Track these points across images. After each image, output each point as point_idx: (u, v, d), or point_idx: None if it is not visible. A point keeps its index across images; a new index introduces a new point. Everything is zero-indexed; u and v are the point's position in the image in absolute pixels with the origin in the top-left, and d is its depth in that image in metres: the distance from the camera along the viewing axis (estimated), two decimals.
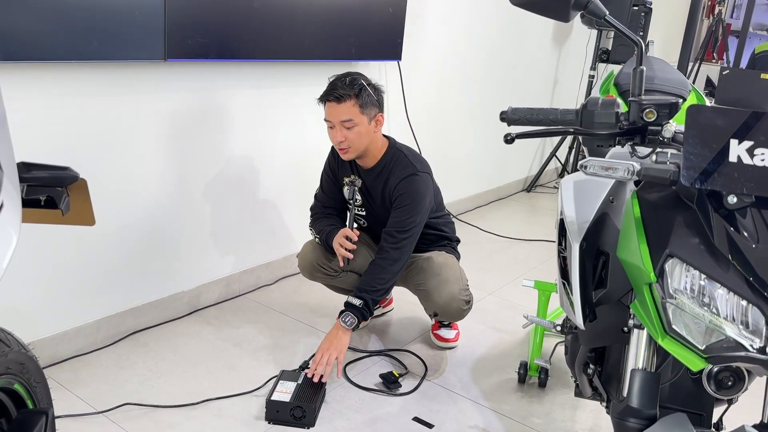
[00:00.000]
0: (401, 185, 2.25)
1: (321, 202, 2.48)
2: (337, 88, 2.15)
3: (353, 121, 2.16)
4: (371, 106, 2.19)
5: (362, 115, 2.17)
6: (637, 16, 4.72)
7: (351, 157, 2.26)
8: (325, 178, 2.47)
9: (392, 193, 2.27)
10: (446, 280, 2.30)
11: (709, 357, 1.14)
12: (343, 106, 2.14)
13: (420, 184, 2.26)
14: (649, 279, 1.21)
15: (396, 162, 2.29)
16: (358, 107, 2.15)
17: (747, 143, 1.13)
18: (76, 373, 2.18)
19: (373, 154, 2.30)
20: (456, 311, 2.33)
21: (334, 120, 2.17)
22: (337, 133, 2.18)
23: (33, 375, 1.21)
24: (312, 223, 2.47)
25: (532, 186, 5.01)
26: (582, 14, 1.39)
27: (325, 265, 2.42)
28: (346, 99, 2.14)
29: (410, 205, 2.24)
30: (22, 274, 2.08)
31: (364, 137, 2.20)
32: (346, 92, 2.14)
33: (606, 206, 1.53)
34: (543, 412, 2.18)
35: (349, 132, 2.17)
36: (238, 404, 2.09)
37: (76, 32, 1.94)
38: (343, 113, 2.15)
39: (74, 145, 2.12)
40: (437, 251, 2.43)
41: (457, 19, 3.75)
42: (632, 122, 1.35)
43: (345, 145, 2.19)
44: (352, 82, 2.16)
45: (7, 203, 0.91)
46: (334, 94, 2.15)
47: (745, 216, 1.15)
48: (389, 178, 2.28)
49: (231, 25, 2.37)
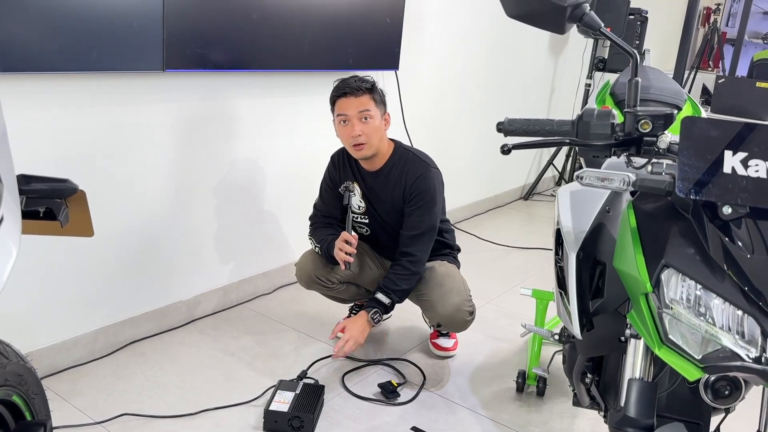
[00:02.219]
0: (418, 182, 2.27)
1: (320, 212, 2.49)
2: (351, 83, 2.21)
3: (370, 111, 2.20)
4: (381, 104, 2.26)
5: (377, 108, 2.22)
6: (633, 25, 4.76)
7: (367, 154, 2.26)
8: (324, 188, 2.48)
9: (408, 191, 2.28)
10: (450, 291, 2.30)
11: (705, 367, 1.14)
12: (360, 98, 2.19)
13: (435, 179, 2.30)
14: (646, 289, 1.21)
15: (407, 161, 2.31)
16: (373, 101, 2.21)
17: (741, 154, 1.14)
18: (74, 383, 2.18)
19: (382, 154, 2.32)
20: (460, 322, 2.32)
21: (351, 112, 2.19)
22: (354, 127, 2.20)
23: (31, 386, 1.21)
24: (311, 233, 2.48)
25: (530, 194, 5.03)
26: (578, 25, 1.40)
27: (323, 277, 2.42)
28: (362, 92, 2.19)
29: (429, 202, 2.27)
30: (20, 285, 2.08)
31: (378, 132, 2.25)
32: (360, 86, 2.20)
33: (602, 216, 1.53)
34: (541, 421, 2.18)
35: (366, 125, 2.20)
36: (237, 414, 2.09)
37: (75, 43, 1.96)
38: (361, 104, 2.19)
39: (73, 155, 2.13)
40: (439, 261, 2.43)
41: (455, 29, 3.77)
42: (628, 133, 1.36)
43: (363, 139, 2.21)
44: (362, 79, 2.23)
45: (7, 216, 0.91)
46: (350, 87, 2.20)
47: (740, 226, 1.16)
48: (403, 178, 2.29)
49: (230, 35, 2.38)
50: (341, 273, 2.39)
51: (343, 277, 2.41)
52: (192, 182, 2.54)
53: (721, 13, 7.68)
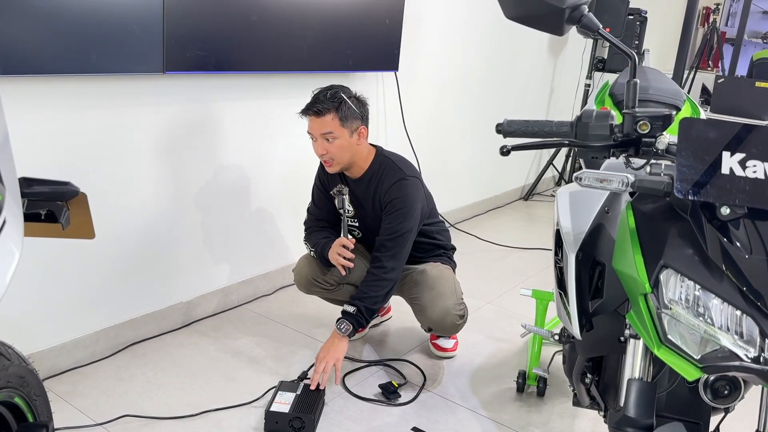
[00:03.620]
0: (391, 191, 2.25)
1: (314, 215, 2.49)
2: (318, 102, 2.17)
3: (333, 134, 2.17)
4: (352, 119, 2.19)
5: (343, 128, 2.18)
6: (633, 25, 4.76)
7: (336, 170, 2.27)
8: (315, 192, 2.48)
9: (382, 199, 2.27)
10: (440, 294, 2.30)
11: (704, 367, 1.15)
12: (322, 119, 2.16)
13: (409, 188, 2.26)
14: (645, 289, 1.22)
15: (384, 169, 2.29)
16: (339, 120, 2.16)
17: (739, 155, 1.15)
18: (75, 385, 2.18)
19: (360, 165, 2.30)
20: (450, 326, 2.32)
21: (314, 133, 2.20)
22: (319, 146, 2.20)
23: (33, 388, 1.22)
24: (306, 237, 2.48)
25: (530, 194, 5.03)
26: (576, 27, 1.41)
27: (321, 279, 2.42)
28: (326, 113, 2.15)
29: (402, 210, 2.24)
30: (21, 287, 2.08)
31: (346, 150, 2.21)
32: (325, 106, 2.15)
33: (601, 217, 1.54)
34: (541, 422, 2.19)
35: (330, 145, 2.19)
36: (237, 416, 2.09)
37: (75, 46, 1.96)
38: (323, 126, 2.16)
39: (73, 157, 2.13)
40: (432, 263, 2.43)
41: (454, 30, 3.77)
42: (626, 134, 1.37)
43: (327, 157, 2.22)
44: (333, 95, 2.17)
45: (9, 220, 0.92)
46: (314, 108, 2.17)
47: (738, 227, 1.16)
48: (378, 186, 2.28)
49: (229, 37, 2.39)
50: (337, 274, 2.39)
51: (339, 278, 2.42)
52: (193, 184, 2.54)
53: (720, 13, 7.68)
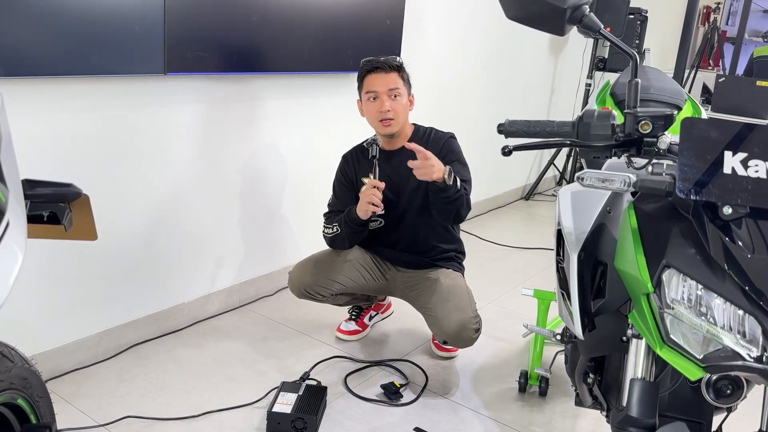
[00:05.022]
0: (446, 145, 2.33)
1: (336, 208, 2.43)
2: (380, 61, 2.26)
3: (399, 89, 2.25)
4: (409, 84, 2.31)
5: (405, 87, 2.29)
6: (633, 25, 4.76)
7: (393, 130, 2.29)
8: (338, 186, 2.45)
9: (439, 155, 2.20)
10: (456, 307, 2.25)
11: (706, 366, 1.15)
12: (389, 75, 2.25)
13: (459, 147, 2.36)
14: (647, 289, 1.22)
15: (429, 135, 2.37)
16: (401, 80, 2.27)
17: (741, 155, 1.15)
18: (78, 386, 2.19)
19: (405, 134, 2.35)
20: (466, 339, 2.27)
21: (381, 89, 2.24)
22: (383, 102, 2.24)
23: (36, 389, 1.22)
24: (326, 222, 2.42)
25: (531, 194, 5.03)
26: (577, 27, 1.41)
27: (313, 291, 2.40)
28: (391, 70, 2.25)
29: (461, 160, 2.32)
30: (24, 288, 2.09)
31: (405, 110, 2.30)
32: (390, 64, 2.26)
33: (603, 217, 1.54)
34: (544, 421, 2.19)
35: (395, 102, 2.25)
36: (240, 416, 2.09)
37: (76, 47, 1.96)
38: (391, 82, 2.25)
39: (75, 159, 2.13)
40: (445, 270, 2.41)
41: (455, 31, 3.77)
42: (628, 134, 1.37)
43: (391, 114, 2.25)
44: (393, 59, 2.29)
45: (12, 222, 0.92)
46: (380, 64, 2.25)
47: (740, 226, 1.16)
48: (427, 146, 2.21)
49: (230, 38, 2.39)
50: (333, 288, 2.38)
51: (335, 290, 2.40)
52: (194, 185, 2.54)
53: (721, 12, 7.68)
